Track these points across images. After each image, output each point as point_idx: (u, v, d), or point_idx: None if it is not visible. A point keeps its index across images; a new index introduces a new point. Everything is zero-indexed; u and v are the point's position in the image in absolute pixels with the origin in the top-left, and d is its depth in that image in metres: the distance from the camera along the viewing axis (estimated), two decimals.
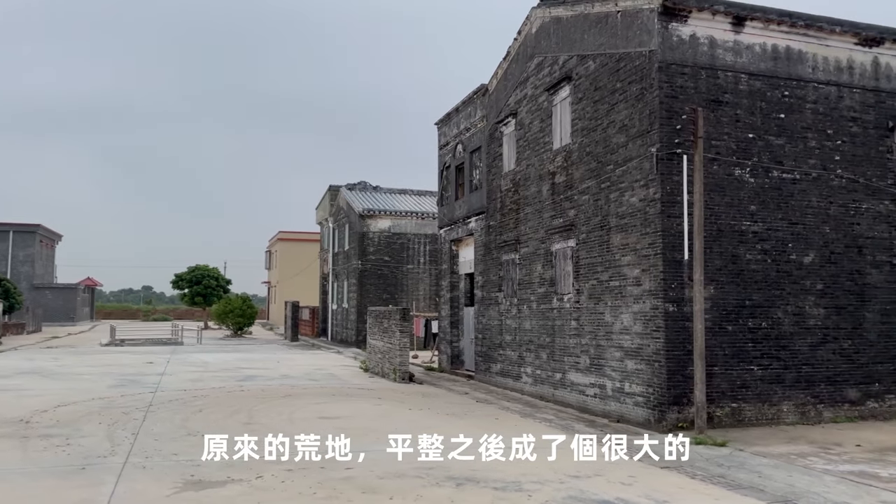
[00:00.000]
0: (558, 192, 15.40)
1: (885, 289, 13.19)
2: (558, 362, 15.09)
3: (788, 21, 12.71)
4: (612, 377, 13.07)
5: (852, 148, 13.16)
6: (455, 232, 21.95)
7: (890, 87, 13.49)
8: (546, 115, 16.09)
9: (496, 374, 18.29)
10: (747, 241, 12.36)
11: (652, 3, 12.13)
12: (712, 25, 12.33)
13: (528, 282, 16.75)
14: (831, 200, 12.96)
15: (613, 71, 13.29)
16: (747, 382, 12.11)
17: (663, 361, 11.68)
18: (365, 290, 32.87)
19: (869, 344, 12.98)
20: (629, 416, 12.44)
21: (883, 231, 13.28)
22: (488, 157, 19.46)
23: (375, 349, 21.36)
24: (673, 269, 11.87)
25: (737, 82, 12.48)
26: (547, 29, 16.12)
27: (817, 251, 12.79)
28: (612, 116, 13.36)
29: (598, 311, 13.63)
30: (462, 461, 9.07)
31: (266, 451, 8.95)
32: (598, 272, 13.69)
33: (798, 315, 12.55)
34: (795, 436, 11.12)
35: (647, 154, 12.23)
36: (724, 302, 12.12)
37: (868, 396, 12.87)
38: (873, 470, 8.76)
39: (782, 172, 12.64)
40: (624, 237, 12.89)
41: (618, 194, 13.13)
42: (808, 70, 12.96)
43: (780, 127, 12.69)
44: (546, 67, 16.12)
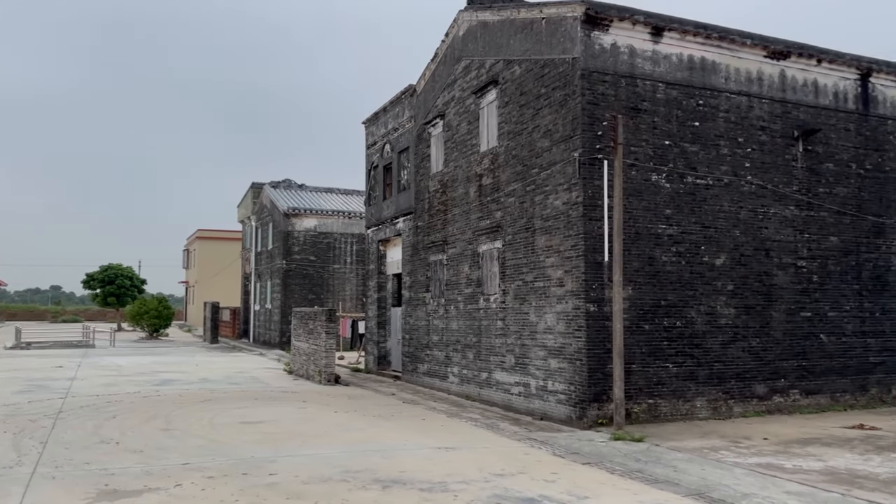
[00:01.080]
0: (485, 194, 15.58)
1: (790, 289, 13.99)
2: (484, 362, 15.27)
3: (704, 33, 13.30)
4: (536, 376, 13.34)
5: (761, 155, 13.90)
6: (383, 232, 21.86)
7: (796, 98, 14.33)
8: (473, 118, 16.24)
9: (423, 375, 18.34)
10: (663, 244, 12.86)
11: (575, 11, 12.44)
12: (632, 35, 12.77)
13: (455, 282, 16.87)
14: (741, 205, 13.64)
15: (538, 77, 13.56)
16: (663, 379, 12.60)
17: (584, 360, 12.01)
18: (289, 290, 32.29)
19: (775, 342, 13.74)
20: (552, 413, 12.72)
21: (788, 235, 14.08)
22: (416, 158, 19.48)
23: (300, 351, 21.02)
24: (594, 271, 12.22)
25: (655, 91, 12.96)
26: (474, 32, 16.28)
27: (728, 253, 13.44)
28: (537, 121, 13.62)
29: (524, 312, 13.88)
30: (388, 463, 9.05)
31: (186, 458, 8.66)
32: (524, 273, 13.94)
33: (710, 314, 13.15)
34: (708, 430, 11.65)
35: (571, 159, 12.54)
36: (641, 302, 12.57)
37: (774, 392, 13.63)
38: (779, 462, 9.28)
39: (696, 178, 13.22)
40: (548, 239, 13.17)
41: (542, 197, 13.40)
42: (721, 80, 13.60)
43: (694, 134, 13.26)
44: (473, 70, 16.27)
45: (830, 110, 14.64)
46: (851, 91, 14.94)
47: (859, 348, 14.61)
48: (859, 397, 14.46)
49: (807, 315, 14.08)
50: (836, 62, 14.68)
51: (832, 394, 14.18)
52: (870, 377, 14.65)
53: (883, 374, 14.81)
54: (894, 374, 14.94)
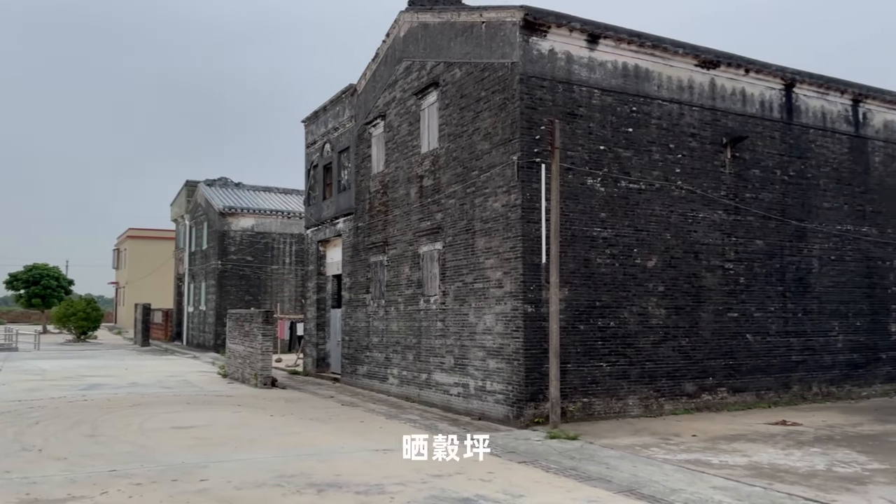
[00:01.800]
0: (426, 196, 15.61)
1: (717, 291, 14.52)
2: (424, 363, 15.29)
3: (638, 41, 13.67)
4: (474, 376, 13.44)
5: (691, 161, 14.38)
6: (322, 232, 21.61)
7: (724, 106, 14.89)
8: (414, 119, 16.25)
9: (363, 377, 18.22)
10: (598, 246, 13.15)
11: (514, 16, 12.60)
12: (569, 42, 13.02)
13: (395, 283, 16.83)
14: (672, 209, 14.09)
15: (478, 80, 13.67)
16: (597, 378, 12.89)
17: (522, 360, 12.17)
18: (225, 291, 31.55)
19: (704, 341, 14.24)
20: (490, 413, 12.84)
21: (717, 238, 14.61)
22: (357, 158, 19.34)
23: (235, 354, 20.57)
24: (532, 272, 12.40)
25: (591, 97, 13.26)
26: (415, 33, 16.29)
27: (659, 256, 13.85)
28: (477, 124, 13.73)
29: (463, 313, 13.96)
30: (324, 466, 8.96)
31: (113, 465, 8.36)
32: (464, 274, 14.02)
33: (642, 315, 13.53)
34: (640, 428, 11.97)
35: (509, 162, 12.69)
36: (577, 303, 12.83)
37: (703, 390, 14.12)
38: (706, 458, 9.62)
39: (629, 183, 13.58)
40: (488, 241, 13.29)
41: (482, 199, 13.51)
42: (654, 88, 14.01)
43: (628, 140, 13.62)
44: (414, 72, 16.28)
45: (757, 119, 15.28)
46: (777, 100, 15.63)
47: (783, 348, 15.28)
48: (782, 395, 15.12)
49: (734, 316, 14.64)
50: (762, 72, 15.33)
51: (757, 391, 14.78)
52: (792, 375, 15.34)
53: (804, 372, 15.53)
54: (815, 373, 15.69)
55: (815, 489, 7.90)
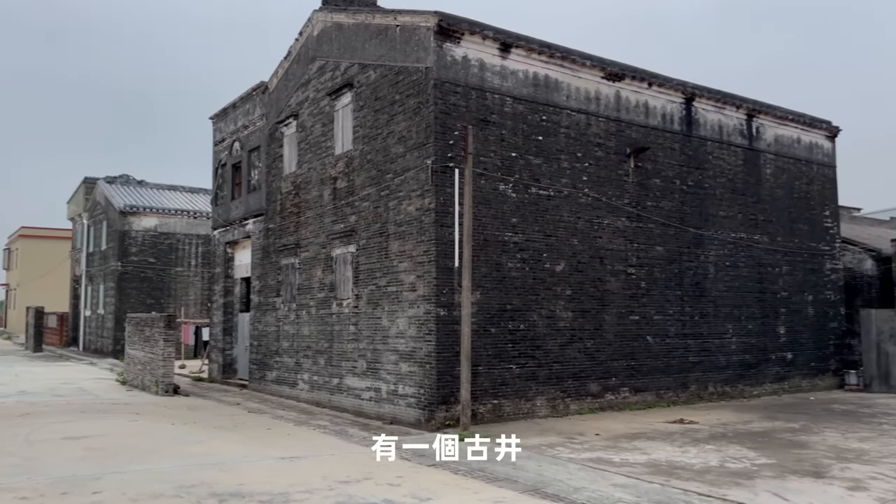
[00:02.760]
0: (340, 198, 15.43)
1: (620, 294, 15.09)
2: (336, 367, 15.09)
3: (548, 52, 14.04)
4: (387, 380, 13.38)
5: (597, 170, 14.89)
6: (231, 234, 20.97)
7: (628, 117, 15.50)
8: (328, 120, 16.03)
9: (272, 382, 17.79)
10: (509, 251, 13.40)
11: (428, 21, 12.68)
12: (482, 49, 13.22)
13: (307, 287, 16.53)
14: (579, 216, 14.53)
15: (393, 83, 13.65)
16: (507, 380, 13.12)
17: (434, 363, 12.22)
18: (125, 294, 30.08)
19: (608, 343, 14.76)
20: (402, 417, 12.82)
21: (620, 244, 15.18)
22: (268, 158, 18.90)
23: (135, 360, 19.63)
24: (445, 276, 12.48)
25: (503, 104, 13.50)
26: (329, 33, 16.09)
27: (567, 261, 14.26)
28: (391, 127, 13.71)
29: (376, 316, 13.88)
30: (227, 476, 8.68)
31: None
32: (377, 278, 13.95)
33: (550, 318, 13.88)
34: (546, 428, 12.27)
35: (424, 166, 12.74)
36: (488, 306, 13.02)
37: (606, 390, 14.62)
38: (608, 456, 9.96)
39: (539, 189, 13.92)
40: (401, 244, 13.28)
41: (396, 202, 13.49)
42: (563, 98, 14.43)
43: (538, 148, 13.96)
44: (328, 72, 16.07)
45: (659, 130, 16.00)
46: (677, 113, 16.42)
47: (681, 349, 16.04)
48: (681, 394, 15.88)
49: (635, 318, 15.25)
50: (664, 86, 16.07)
51: (657, 391, 15.45)
52: (690, 375, 16.13)
53: (701, 372, 16.37)
54: (710, 373, 16.56)
55: (708, 484, 8.33)
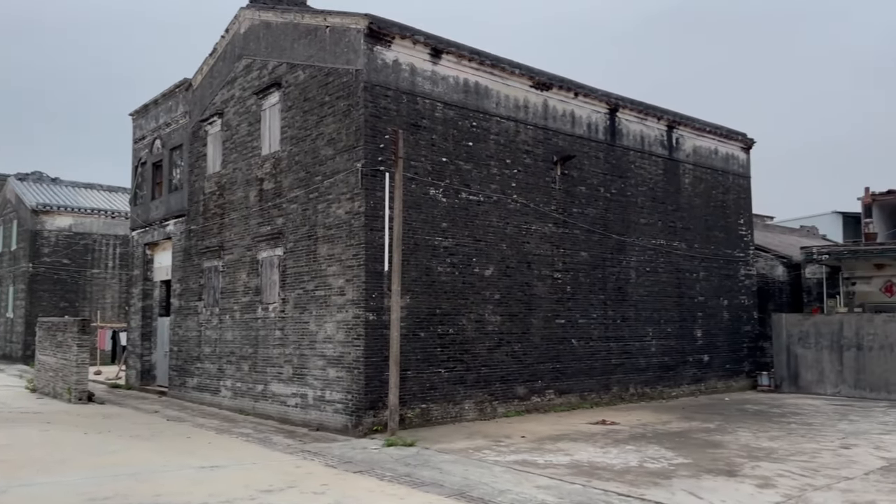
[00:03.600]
0: (266, 199, 15.11)
1: (547, 299, 15.38)
2: (261, 373, 14.76)
3: (478, 59, 14.19)
4: (314, 386, 13.18)
5: (525, 177, 15.14)
6: (151, 235, 20.21)
7: (556, 126, 15.84)
8: (255, 119, 15.69)
9: (193, 389, 17.22)
10: (439, 255, 13.45)
11: (359, 24, 12.59)
12: (413, 54, 13.23)
13: (231, 290, 16.10)
14: (508, 221, 14.74)
15: (323, 84, 13.49)
16: (435, 384, 13.15)
17: (362, 368, 12.13)
18: (36, 297, 28.50)
19: (534, 346, 15.01)
20: (329, 423, 12.65)
21: (547, 250, 15.48)
22: (191, 157, 18.32)
23: (47, 366, 18.63)
24: (374, 280, 12.41)
25: (434, 110, 13.55)
26: (256, 31, 15.76)
27: (496, 265, 14.43)
28: (321, 128, 13.54)
29: (304, 321, 13.66)
30: (144, 487, 8.34)
31: None
32: (305, 281, 13.73)
33: (479, 322, 14.01)
34: (474, 431, 12.36)
35: (354, 169, 12.63)
36: (418, 310, 13.02)
37: (533, 392, 14.87)
38: (533, 458, 10.12)
39: (469, 194, 14.04)
40: (330, 248, 13.12)
41: (325, 205, 13.32)
42: (493, 105, 14.61)
43: (468, 153, 14.08)
44: (255, 70, 15.74)
45: (584, 139, 16.42)
46: (602, 123, 16.90)
47: (604, 351, 16.49)
48: (603, 395, 16.31)
49: (561, 322, 15.59)
50: (590, 96, 16.51)
51: (581, 393, 15.82)
52: (612, 377, 16.60)
53: (622, 374, 16.87)
54: (631, 374, 17.09)
55: (627, 484, 8.58)
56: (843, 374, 18.18)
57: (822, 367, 18.60)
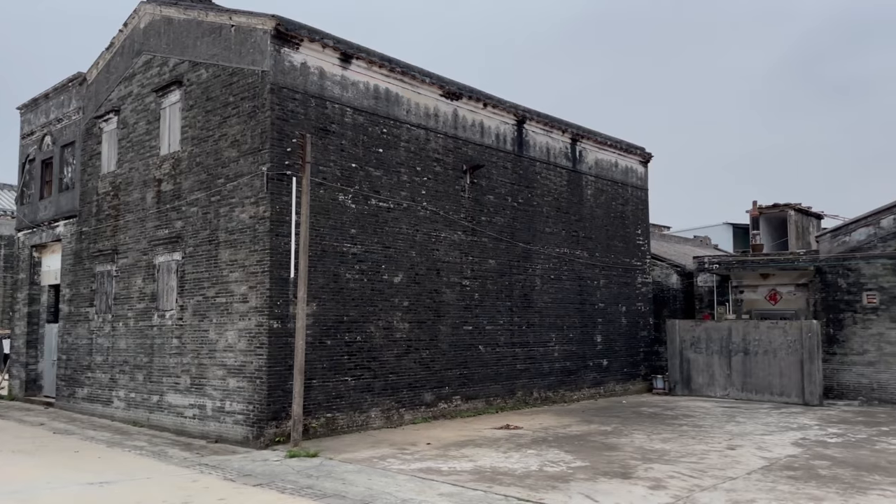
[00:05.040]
0: (165, 201, 14.50)
1: (455, 305, 15.53)
2: (156, 384, 14.11)
3: (388, 66, 14.19)
4: (213, 396, 12.73)
5: (435, 185, 15.25)
6: (39, 236, 18.95)
7: (465, 135, 16.04)
8: (154, 118, 15.03)
9: (82, 400, 16.26)
10: (348, 262, 13.32)
11: (265, 24, 12.32)
12: (322, 58, 13.07)
13: (126, 296, 15.33)
14: (418, 228, 14.79)
15: (227, 84, 13.09)
16: (342, 393, 12.99)
17: (265, 378, 11.82)
18: None
19: (442, 353, 15.11)
20: (228, 435, 12.25)
21: (456, 257, 15.64)
22: (84, 155, 17.33)
23: None
24: (279, 287, 12.14)
25: (343, 115, 13.43)
26: (157, 27, 15.12)
27: (405, 272, 14.44)
28: (224, 129, 13.13)
29: (203, 329, 13.18)
30: None
31: None
32: (205, 288, 13.25)
33: (388, 329, 13.97)
34: (380, 439, 12.29)
35: (259, 172, 12.33)
36: (324, 318, 12.83)
37: (440, 399, 14.96)
38: (437, 465, 10.17)
39: (379, 201, 13.99)
40: (233, 253, 12.72)
41: (228, 209, 12.92)
42: (404, 112, 14.63)
43: (378, 160, 14.03)
44: (155, 67, 15.08)
45: (493, 149, 16.71)
46: (510, 134, 17.26)
47: (509, 357, 16.81)
48: (508, 400, 16.62)
49: (469, 329, 15.77)
50: (498, 107, 16.82)
51: (487, 398, 16.06)
52: (517, 382, 16.94)
53: (527, 378, 17.25)
54: (536, 379, 17.50)
55: (527, 489, 8.76)
56: (732, 378, 19.32)
57: (712, 371, 19.70)
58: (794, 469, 10.01)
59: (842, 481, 9.22)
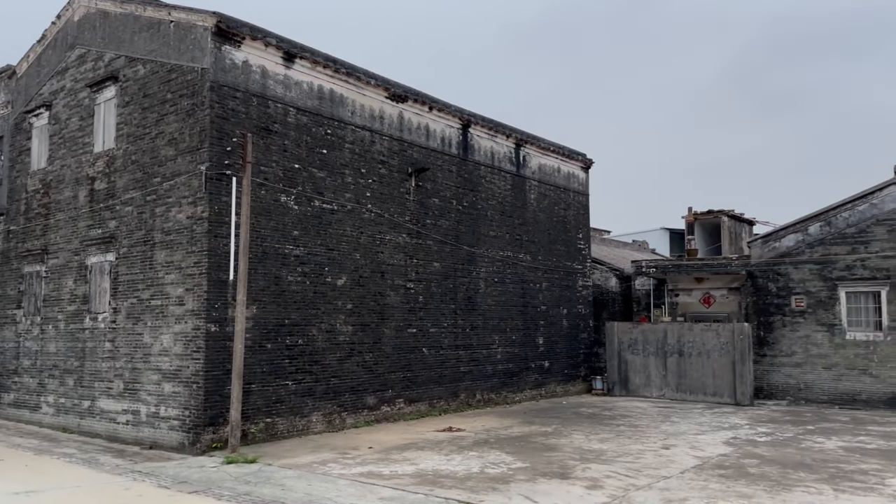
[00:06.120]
0: (98, 200, 14.02)
1: (400, 308, 15.50)
2: (88, 388, 13.62)
3: (333, 66, 14.07)
4: (147, 402, 12.36)
5: (380, 187, 15.20)
6: None
7: (411, 138, 16.04)
8: (88, 114, 14.52)
9: (8, 406, 15.54)
10: (290, 264, 13.14)
11: (206, 21, 12.05)
12: (265, 56, 12.87)
13: (56, 298, 14.74)
14: (362, 231, 14.71)
15: (165, 81, 12.75)
16: (282, 397, 12.80)
17: (202, 382, 11.55)
18: None
19: (386, 356, 15.06)
20: (164, 441, 11.91)
21: (401, 259, 15.62)
22: (13, 150, 16.59)
23: None
24: (217, 289, 11.88)
25: (286, 114, 13.25)
26: (92, 20, 14.61)
27: (349, 275, 14.34)
28: (161, 127, 12.78)
29: (137, 332, 12.78)
30: None
31: None
32: (140, 290, 12.86)
33: (330, 332, 13.83)
34: (321, 444, 12.16)
35: (197, 171, 12.04)
36: (265, 321, 12.62)
37: (383, 402, 14.90)
38: (378, 469, 10.13)
39: (323, 203, 13.85)
40: (169, 254, 12.39)
41: (164, 209, 12.58)
42: (348, 114, 14.54)
43: (322, 161, 13.90)
44: (90, 62, 14.57)
45: (438, 153, 16.77)
46: (455, 138, 17.35)
47: (453, 360, 16.88)
48: (451, 402, 16.68)
49: (413, 331, 15.77)
50: (444, 111, 16.89)
51: (430, 401, 16.08)
52: (460, 384, 17.03)
53: (470, 381, 17.35)
54: (479, 381, 17.62)
55: (468, 491, 8.82)
56: (667, 379, 19.88)
57: (649, 372, 20.23)
58: (725, 468, 10.37)
59: (769, 479, 9.61)
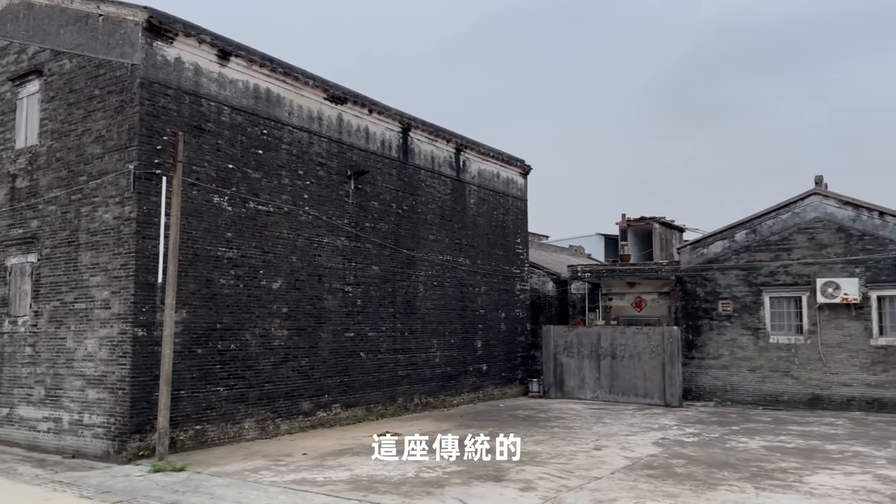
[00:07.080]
0: (20, 199, 13.38)
1: (337, 312, 15.34)
2: (6, 395, 12.97)
3: (269, 65, 13.85)
4: (70, 409, 11.85)
5: (319, 189, 15.02)
6: None
7: (350, 140, 15.92)
8: (9, 108, 13.85)
9: None
10: (222, 267, 12.83)
11: (137, 16, 11.68)
12: (198, 54, 12.55)
13: None
14: (299, 233, 14.50)
15: (92, 76, 12.28)
16: (213, 404, 12.48)
17: (128, 389, 11.15)
18: None
19: (322, 360, 14.88)
20: (87, 449, 11.45)
21: (339, 263, 15.46)
22: None
23: None
24: (145, 292, 11.50)
25: (220, 113, 12.95)
26: (15, 11, 13.95)
27: (285, 278, 14.10)
28: (88, 124, 12.30)
29: (60, 337, 12.25)
30: None
31: None
32: (63, 293, 12.34)
33: (265, 336, 13.57)
34: (254, 451, 11.91)
35: (125, 170, 11.64)
36: (195, 325, 12.29)
37: (319, 407, 14.70)
38: (312, 476, 9.99)
39: (258, 204, 13.60)
40: (95, 256, 11.93)
41: (90, 209, 12.11)
42: (286, 114, 14.32)
43: (258, 162, 13.64)
44: (12, 54, 13.91)
45: (378, 156, 16.70)
46: (395, 141, 17.31)
47: (391, 364, 16.81)
48: (389, 406, 16.61)
49: (350, 335, 15.63)
50: (384, 114, 16.84)
51: (367, 405, 15.97)
52: (398, 388, 16.97)
53: (408, 384, 17.32)
54: (417, 385, 17.60)
55: (402, 496, 8.79)
56: (601, 381, 20.32)
57: (583, 374, 20.63)
58: (653, 468, 10.66)
59: (695, 478, 9.93)
